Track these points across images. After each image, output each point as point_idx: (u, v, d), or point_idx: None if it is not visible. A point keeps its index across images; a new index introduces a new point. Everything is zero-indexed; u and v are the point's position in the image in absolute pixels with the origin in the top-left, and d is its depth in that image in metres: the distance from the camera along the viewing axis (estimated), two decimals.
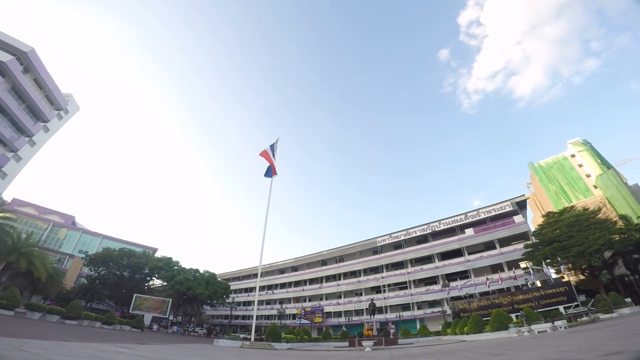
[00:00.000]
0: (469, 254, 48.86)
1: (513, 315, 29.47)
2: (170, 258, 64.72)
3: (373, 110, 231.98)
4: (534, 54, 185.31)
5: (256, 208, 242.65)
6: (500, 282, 39.94)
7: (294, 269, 76.93)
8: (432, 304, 49.81)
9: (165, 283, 62.11)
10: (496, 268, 45.18)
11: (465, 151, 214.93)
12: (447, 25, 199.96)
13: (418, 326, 45.74)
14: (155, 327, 52.40)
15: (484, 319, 29.69)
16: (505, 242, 45.98)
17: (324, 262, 71.35)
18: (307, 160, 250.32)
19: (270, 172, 32.78)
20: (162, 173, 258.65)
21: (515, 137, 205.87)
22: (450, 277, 49.03)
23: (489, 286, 39.68)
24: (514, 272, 40.02)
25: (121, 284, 59.39)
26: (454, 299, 43.64)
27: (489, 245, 47.43)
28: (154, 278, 65.17)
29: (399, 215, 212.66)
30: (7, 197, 55.60)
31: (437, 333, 38.86)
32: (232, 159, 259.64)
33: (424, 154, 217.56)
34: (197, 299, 60.39)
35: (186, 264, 77.21)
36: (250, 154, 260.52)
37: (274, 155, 33.70)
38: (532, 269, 35.57)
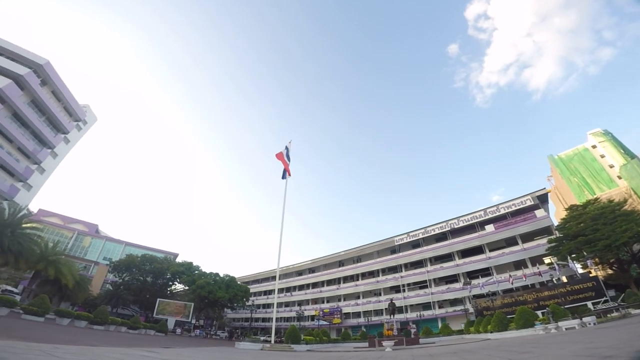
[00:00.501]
0: (490, 250, 47.75)
1: (539, 312, 28.63)
2: (191, 263, 65.91)
3: (385, 110, 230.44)
4: (546, 46, 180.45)
5: (272, 211, 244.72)
6: (524, 279, 38.81)
7: (312, 270, 77.08)
8: (454, 302, 48.89)
9: (186, 287, 63.26)
10: (519, 264, 43.95)
11: (481, 146, 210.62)
12: (454, 20, 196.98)
13: (440, 325, 45.10)
14: (178, 331, 53.42)
15: (508, 316, 28.93)
16: (527, 237, 44.69)
17: (341, 263, 71.18)
18: (321, 163, 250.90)
19: (285, 173, 33.46)
20: (180, 179, 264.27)
21: (532, 130, 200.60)
22: (472, 274, 48.06)
23: (512, 283, 38.62)
24: (538, 268, 38.76)
25: (145, 289, 60.90)
26: (476, 297, 42.71)
27: (510, 241, 46.21)
28: (175, 283, 66.50)
29: (415, 214, 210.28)
30: (33, 207, 57.92)
31: (460, 332, 38.16)
32: (247, 163, 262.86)
33: (439, 151, 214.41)
34: (218, 303, 61.26)
35: (206, 268, 78.80)
36: (264, 157, 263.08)
37: (288, 157, 34.34)
38: (557, 264, 34.41)
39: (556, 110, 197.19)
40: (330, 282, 70.16)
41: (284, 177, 33.67)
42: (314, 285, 73.29)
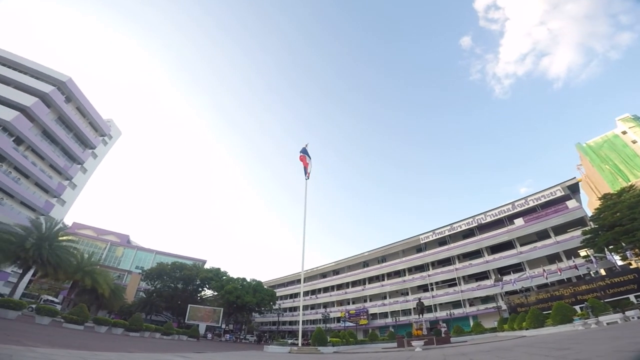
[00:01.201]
0: (521, 245, 45.97)
1: (577, 307, 27.32)
2: (219, 269, 67.26)
3: (403, 109, 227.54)
4: (561, 33, 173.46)
5: (295, 214, 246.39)
6: (559, 273, 37.13)
7: (336, 272, 76.97)
8: (485, 299, 47.39)
9: (215, 293, 64.59)
10: (553, 258, 42.07)
11: (503, 138, 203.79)
12: (464, 13, 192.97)
13: (471, 324, 43.87)
14: (209, 335, 54.61)
15: (544, 312, 27.82)
16: (560, 229, 42.74)
17: (365, 264, 70.58)
18: (341, 165, 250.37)
19: (306, 174, 34.80)
20: (205, 186, 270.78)
21: (556, 119, 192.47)
22: (503, 271, 46.43)
23: (546, 278, 37.06)
24: (573, 262, 37.03)
25: (176, 295, 62.70)
26: (508, 293, 41.31)
27: (542, 235, 44.34)
28: (205, 289, 68.06)
29: (439, 212, 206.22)
30: (68, 221, 60.95)
31: (493, 330, 36.94)
32: (268, 167, 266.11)
33: (460, 147, 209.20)
34: (246, 307, 62.20)
35: (233, 273, 79.81)
36: (284, 161, 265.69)
37: (308, 156, 35.71)
38: (594, 256, 32.69)
39: (580, 98, 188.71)
40: (355, 284, 69.71)
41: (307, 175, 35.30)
42: (339, 287, 73.07)
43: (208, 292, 69.36)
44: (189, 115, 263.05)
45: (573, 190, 45.55)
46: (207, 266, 74.18)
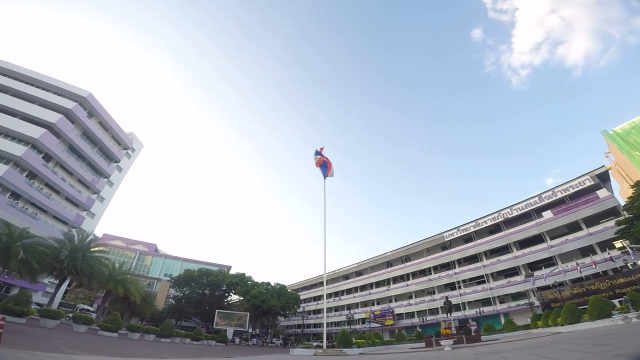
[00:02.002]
0: (551, 238, 44.08)
1: (615, 301, 25.97)
2: (244, 274, 68.23)
3: (418, 111, 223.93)
4: (574, 20, 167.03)
5: (314, 219, 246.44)
6: (594, 267, 35.42)
7: (358, 273, 76.46)
8: (516, 296, 45.70)
9: (241, 298, 65.57)
10: (586, 251, 40.14)
11: (525, 130, 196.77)
12: (471, 5, 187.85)
13: (503, 321, 42.50)
14: (237, 340, 55.37)
15: (580, 307, 26.58)
16: (592, 221, 40.74)
17: (389, 264, 69.72)
18: (356, 170, 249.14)
19: (325, 171, 35.68)
20: (225, 192, 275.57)
21: (577, 107, 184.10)
22: (533, 266, 44.64)
23: (580, 272, 35.45)
24: (608, 254, 35.23)
25: (204, 301, 64.11)
26: (540, 289, 39.73)
27: (573, 227, 42.42)
28: (231, 294, 69.24)
29: (463, 211, 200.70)
30: (98, 233, 63.56)
31: (526, 327, 35.61)
32: (285, 173, 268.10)
33: (479, 142, 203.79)
34: (271, 311, 62.76)
35: (257, 278, 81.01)
36: (302, 167, 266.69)
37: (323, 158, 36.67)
38: (631, 248, 30.97)
39: (601, 84, 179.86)
40: (379, 284, 68.95)
41: (328, 175, 35.94)
42: (362, 288, 72.47)
43: (234, 297, 70.49)
44: (205, 123, 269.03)
45: (603, 179, 43.43)
46: (232, 272, 75.45)
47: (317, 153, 36.64)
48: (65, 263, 31.92)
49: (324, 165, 35.87)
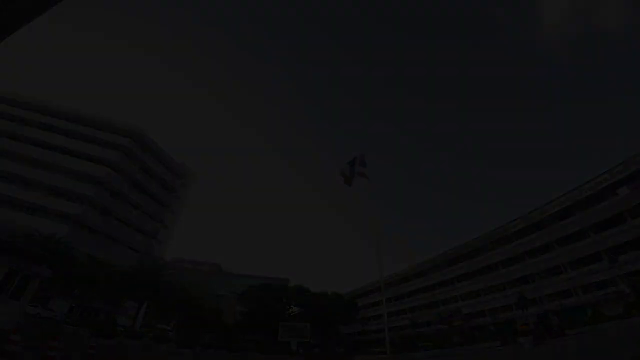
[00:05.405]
0: (632, 218, 38.86)
1: None
2: (301, 285, 69.38)
3: (461, 107, 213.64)
4: None
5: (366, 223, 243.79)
6: None
7: (419, 275, 73.89)
8: (601, 284, 40.72)
9: (301, 309, 66.53)
10: None
11: (575, 110, 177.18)
12: None
13: (588, 313, 38.15)
14: (300, 350, 55.94)
15: None
16: None
17: (451, 262, 66.23)
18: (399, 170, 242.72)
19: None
20: (277, 207, 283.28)
21: (626, 73, 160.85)
22: (617, 249, 39.53)
23: None
24: None
25: (267, 314, 65.96)
26: (630, 274, 35.17)
27: None
28: (291, 306, 70.51)
29: (519, 201, 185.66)
30: (167, 257, 68.68)
31: (619, 316, 31.60)
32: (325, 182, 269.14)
33: (532, 131, 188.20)
34: (330, 320, 62.91)
35: (314, 288, 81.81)
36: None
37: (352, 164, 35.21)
38: None
39: None
40: (442, 284, 65.99)
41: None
42: (424, 289, 69.90)
43: (295, 309, 71.65)
44: (248, 141, 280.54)
45: None
46: (290, 284, 76.89)
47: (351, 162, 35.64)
48: (142, 288, 35.07)
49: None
